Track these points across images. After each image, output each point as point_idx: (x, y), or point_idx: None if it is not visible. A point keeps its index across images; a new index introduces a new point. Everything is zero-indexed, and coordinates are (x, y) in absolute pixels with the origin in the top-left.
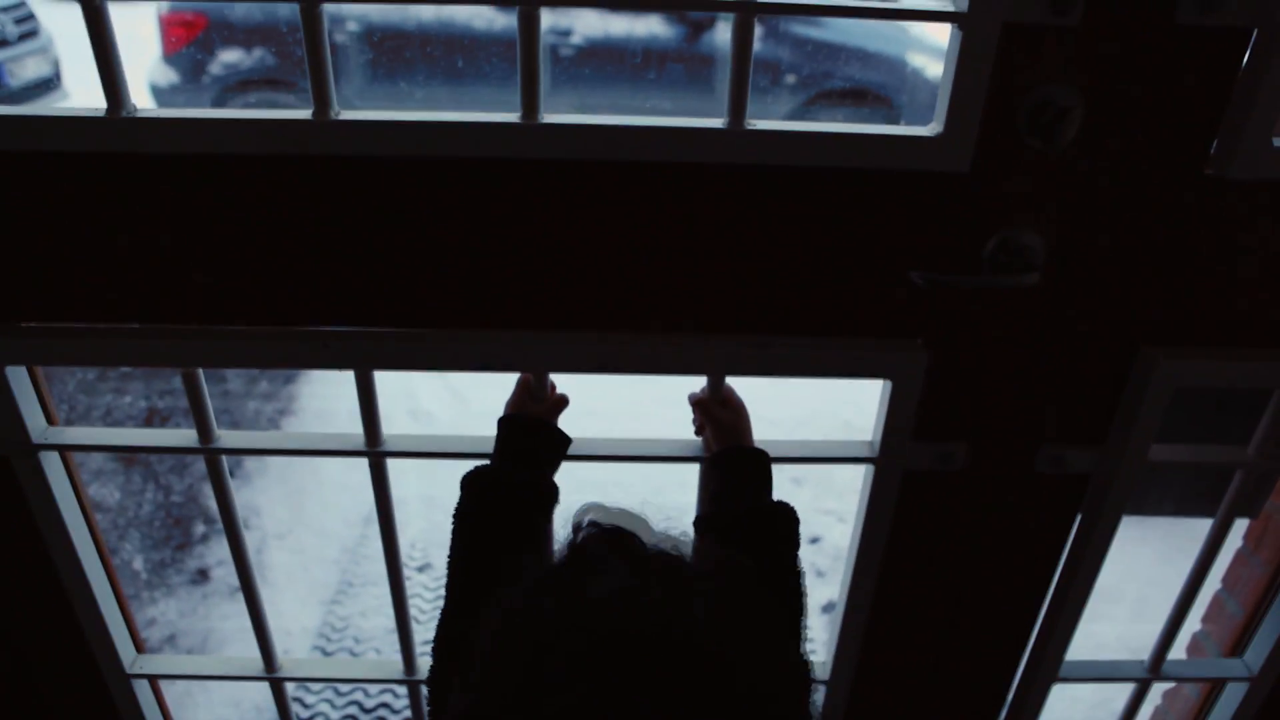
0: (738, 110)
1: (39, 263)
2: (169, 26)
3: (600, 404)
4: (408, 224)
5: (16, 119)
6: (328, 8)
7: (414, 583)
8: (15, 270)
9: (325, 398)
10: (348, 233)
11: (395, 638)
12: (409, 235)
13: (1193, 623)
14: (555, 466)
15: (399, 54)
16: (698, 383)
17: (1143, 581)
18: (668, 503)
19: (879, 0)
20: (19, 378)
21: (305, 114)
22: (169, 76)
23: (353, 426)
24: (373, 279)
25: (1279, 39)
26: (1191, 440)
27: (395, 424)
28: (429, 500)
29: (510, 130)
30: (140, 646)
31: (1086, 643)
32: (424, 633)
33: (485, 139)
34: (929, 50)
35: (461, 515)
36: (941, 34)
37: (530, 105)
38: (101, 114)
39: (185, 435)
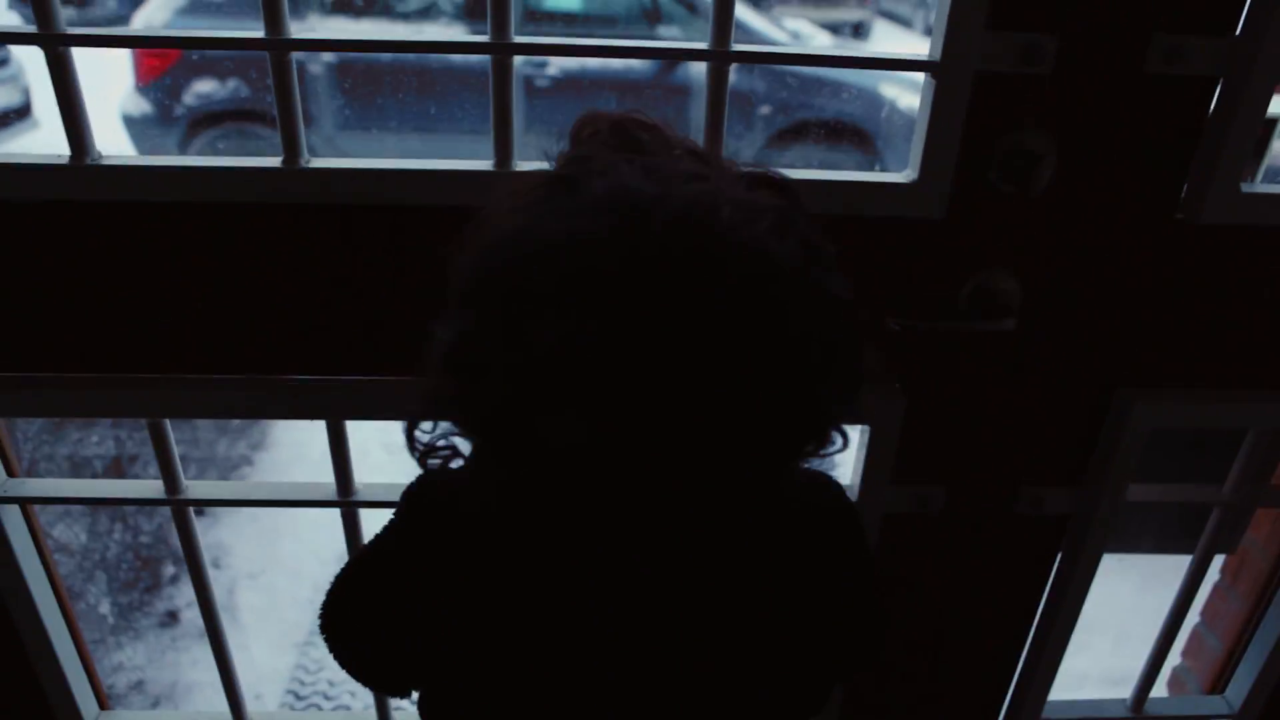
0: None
1: None
2: (142, 57)
3: None
4: (379, 271)
5: None
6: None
7: None
8: None
9: (300, 429)
10: (318, 280)
11: None
12: (381, 282)
13: (1172, 657)
14: None
15: (376, 81)
16: None
17: (1123, 612)
18: None
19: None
20: None
21: (275, 162)
22: (142, 107)
23: (327, 463)
24: (344, 326)
25: (1244, 88)
26: (1168, 478)
27: (370, 458)
28: None
29: (483, 179)
30: (104, 700)
31: (1068, 676)
32: None
33: (457, 186)
34: (902, 82)
35: None
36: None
37: (504, 153)
38: (65, 161)
39: (151, 486)
